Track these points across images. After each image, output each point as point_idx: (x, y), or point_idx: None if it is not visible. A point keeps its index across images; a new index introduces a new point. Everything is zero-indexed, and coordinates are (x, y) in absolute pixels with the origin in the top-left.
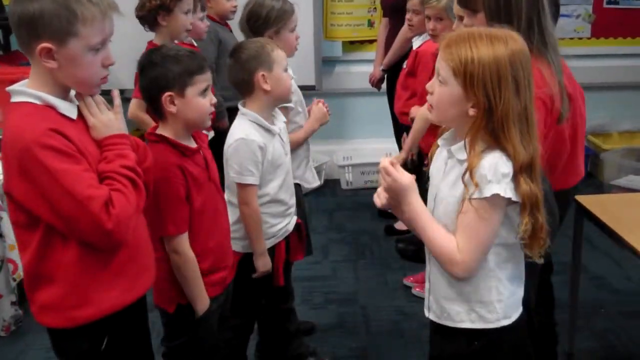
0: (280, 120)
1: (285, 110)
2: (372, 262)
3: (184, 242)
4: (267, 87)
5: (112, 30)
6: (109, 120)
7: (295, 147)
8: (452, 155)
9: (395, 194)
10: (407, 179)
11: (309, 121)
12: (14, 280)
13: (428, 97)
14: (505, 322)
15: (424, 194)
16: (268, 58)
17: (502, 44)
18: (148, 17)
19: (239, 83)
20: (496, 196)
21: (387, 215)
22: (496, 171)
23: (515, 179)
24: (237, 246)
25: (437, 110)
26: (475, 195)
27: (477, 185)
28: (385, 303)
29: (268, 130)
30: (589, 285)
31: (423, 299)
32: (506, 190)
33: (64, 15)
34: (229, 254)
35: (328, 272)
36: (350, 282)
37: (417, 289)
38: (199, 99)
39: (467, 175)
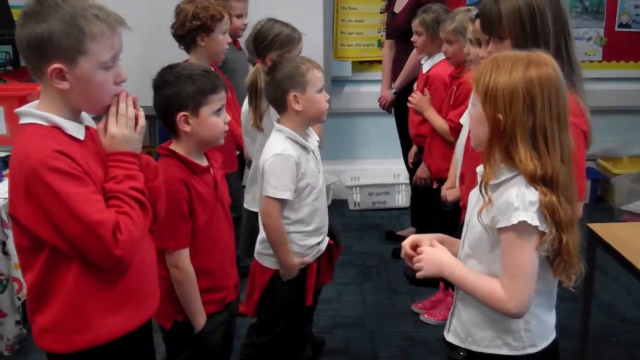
0: (314, 138)
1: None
2: (379, 285)
3: (184, 257)
4: (298, 107)
5: (121, 46)
6: (130, 137)
7: None
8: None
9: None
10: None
11: None
12: (19, 299)
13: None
14: (532, 350)
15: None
16: (302, 79)
17: (523, 66)
18: (187, 37)
19: (273, 100)
20: (524, 223)
21: (395, 237)
22: (524, 199)
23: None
24: (269, 262)
25: (472, 132)
26: (503, 224)
27: (503, 213)
28: (392, 328)
29: (303, 147)
30: (598, 312)
31: (432, 325)
32: (533, 218)
33: (73, 33)
34: (230, 276)
35: (334, 295)
36: (357, 305)
37: (426, 315)
38: (213, 118)
39: (483, 186)
